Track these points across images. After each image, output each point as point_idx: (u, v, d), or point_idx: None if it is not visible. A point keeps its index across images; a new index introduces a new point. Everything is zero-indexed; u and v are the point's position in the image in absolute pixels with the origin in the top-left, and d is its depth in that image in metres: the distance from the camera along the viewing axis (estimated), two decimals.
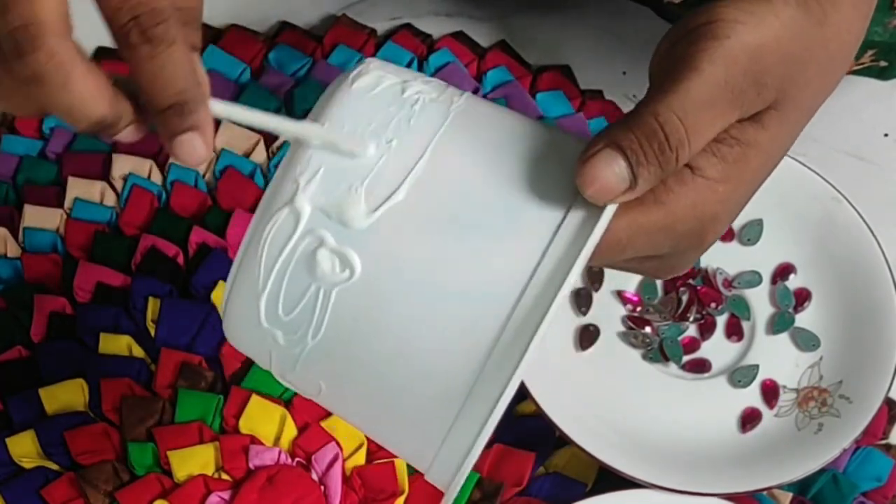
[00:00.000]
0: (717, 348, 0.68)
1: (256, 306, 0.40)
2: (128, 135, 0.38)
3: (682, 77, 0.39)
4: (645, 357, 0.68)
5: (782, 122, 0.42)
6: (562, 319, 0.68)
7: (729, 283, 0.69)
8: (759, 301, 0.69)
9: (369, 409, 0.41)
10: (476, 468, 0.63)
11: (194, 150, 0.37)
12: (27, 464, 0.62)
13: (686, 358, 0.68)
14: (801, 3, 0.41)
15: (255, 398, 0.63)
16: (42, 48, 0.34)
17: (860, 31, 0.45)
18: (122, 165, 0.70)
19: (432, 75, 0.75)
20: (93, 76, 0.36)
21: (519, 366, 0.36)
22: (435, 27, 0.78)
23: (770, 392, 0.67)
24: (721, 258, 0.70)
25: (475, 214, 0.38)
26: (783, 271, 0.70)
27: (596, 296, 0.69)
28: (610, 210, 0.37)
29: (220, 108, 0.38)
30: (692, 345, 0.68)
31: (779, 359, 0.68)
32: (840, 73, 0.45)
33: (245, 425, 0.63)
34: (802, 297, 0.69)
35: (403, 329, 0.38)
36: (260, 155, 0.72)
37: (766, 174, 0.44)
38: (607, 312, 0.68)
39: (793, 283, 0.69)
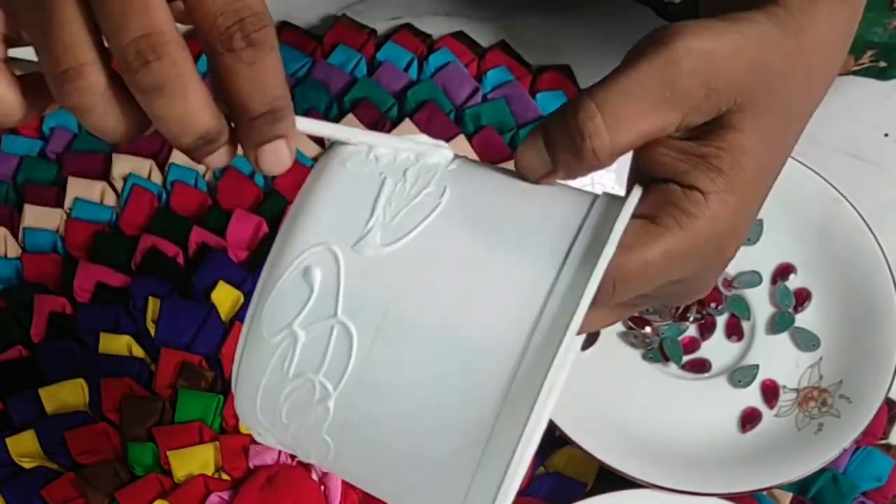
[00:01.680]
0: (717, 348, 0.68)
1: (267, 371, 0.38)
2: (221, 156, 0.38)
3: (616, 72, 0.40)
4: (645, 357, 0.68)
5: (759, 123, 0.42)
6: None
7: (729, 283, 0.69)
8: (759, 301, 0.69)
9: (382, 476, 0.40)
10: None
11: (281, 158, 0.37)
12: (27, 464, 0.62)
13: (686, 358, 0.68)
14: (771, 18, 0.42)
15: None
16: (166, 56, 0.34)
17: (843, 40, 0.46)
18: (122, 165, 0.70)
19: (432, 75, 0.75)
20: (204, 88, 0.36)
21: (532, 412, 0.35)
22: (435, 27, 0.78)
23: (770, 392, 0.67)
24: None
25: (480, 261, 0.37)
26: (783, 271, 0.70)
27: None
28: (607, 256, 0.37)
29: (303, 123, 0.38)
30: (692, 345, 0.68)
31: (779, 359, 0.68)
32: (826, 80, 0.46)
33: (245, 425, 0.63)
34: (802, 297, 0.69)
35: (409, 395, 0.37)
36: None
37: (767, 179, 0.44)
38: None
39: (793, 283, 0.69)
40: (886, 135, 0.77)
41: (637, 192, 0.40)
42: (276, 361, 0.38)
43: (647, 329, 0.68)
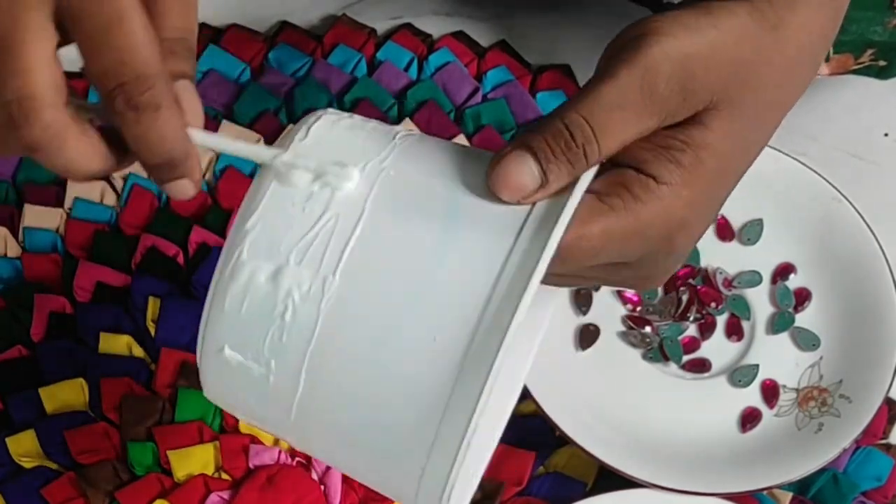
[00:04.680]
0: (717, 348, 0.68)
1: (225, 347, 0.40)
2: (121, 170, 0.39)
3: (596, 83, 0.40)
4: (645, 357, 0.68)
5: (731, 121, 0.42)
6: (562, 319, 0.68)
7: (729, 283, 0.69)
8: (759, 301, 0.69)
9: (342, 449, 0.41)
10: None
11: (185, 192, 0.39)
12: (27, 463, 0.62)
13: (686, 358, 0.68)
14: (752, 12, 0.42)
15: None
16: (37, 121, 0.35)
17: (826, 31, 0.46)
18: None
19: (432, 75, 0.75)
20: (86, 138, 0.37)
21: (487, 382, 0.36)
22: (435, 27, 0.78)
23: (770, 392, 0.67)
24: (721, 258, 0.70)
25: (433, 227, 0.38)
26: (783, 271, 0.70)
27: (596, 295, 0.69)
28: (568, 213, 0.37)
29: (201, 137, 0.39)
30: (692, 344, 0.68)
31: (779, 358, 0.68)
32: (807, 73, 0.46)
33: (245, 425, 0.63)
34: (802, 296, 0.69)
35: (367, 361, 0.38)
36: None
37: (730, 176, 0.44)
38: (607, 312, 0.68)
39: (793, 282, 0.69)
40: (886, 135, 0.77)
41: (590, 174, 0.40)
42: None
43: (647, 329, 0.68)
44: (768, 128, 0.45)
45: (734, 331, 0.68)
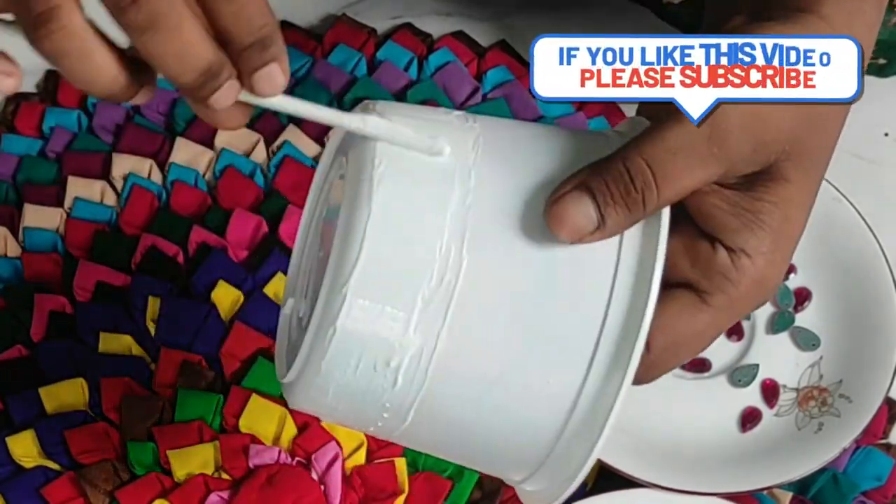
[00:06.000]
0: (717, 348, 0.68)
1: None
2: (228, 92, 0.36)
3: (662, 125, 0.40)
4: None
5: (808, 170, 0.42)
6: None
7: None
8: None
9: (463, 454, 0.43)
10: None
11: (276, 81, 0.37)
12: (27, 463, 0.62)
13: None
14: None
15: (255, 397, 0.63)
16: (62, 25, 0.34)
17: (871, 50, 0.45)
18: (122, 165, 0.70)
19: (432, 75, 0.75)
20: (198, 22, 0.35)
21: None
22: (435, 27, 0.78)
23: (770, 391, 0.67)
24: None
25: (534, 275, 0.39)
26: None
27: None
28: (664, 225, 0.39)
29: (278, 101, 0.38)
30: None
31: (779, 358, 0.68)
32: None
33: (245, 424, 0.63)
34: (802, 296, 0.69)
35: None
36: (260, 154, 0.72)
37: (807, 220, 0.43)
38: None
39: (793, 282, 0.69)
40: (886, 134, 0.76)
41: (666, 215, 0.40)
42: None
43: None
44: (825, 164, 0.44)
45: (734, 330, 0.68)
